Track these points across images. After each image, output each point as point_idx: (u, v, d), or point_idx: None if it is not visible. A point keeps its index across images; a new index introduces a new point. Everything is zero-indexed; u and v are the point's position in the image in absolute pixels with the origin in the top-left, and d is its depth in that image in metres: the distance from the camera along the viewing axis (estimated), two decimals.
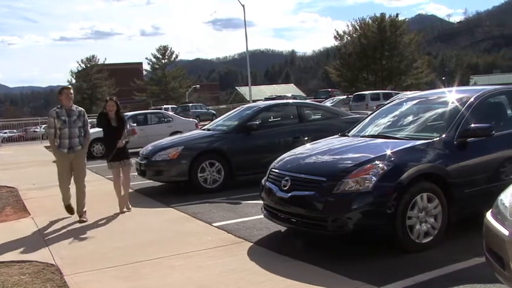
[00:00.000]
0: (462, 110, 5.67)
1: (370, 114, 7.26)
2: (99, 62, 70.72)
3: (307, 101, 20.34)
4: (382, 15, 54.82)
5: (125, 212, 7.71)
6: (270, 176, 5.87)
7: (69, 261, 5.39)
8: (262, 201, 5.99)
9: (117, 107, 7.75)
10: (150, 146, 9.93)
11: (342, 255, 5.16)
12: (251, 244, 5.67)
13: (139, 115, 20.07)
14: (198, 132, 10.99)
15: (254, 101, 33.84)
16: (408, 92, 17.52)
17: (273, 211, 5.66)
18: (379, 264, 4.74)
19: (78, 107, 7.53)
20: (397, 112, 6.65)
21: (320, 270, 4.66)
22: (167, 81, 69.92)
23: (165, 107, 42.23)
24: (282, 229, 6.08)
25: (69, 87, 7.67)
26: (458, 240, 5.27)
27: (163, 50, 70.48)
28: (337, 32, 57.21)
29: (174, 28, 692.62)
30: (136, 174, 9.81)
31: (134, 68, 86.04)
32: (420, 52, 59.27)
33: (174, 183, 9.77)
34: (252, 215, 6.96)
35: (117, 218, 7.49)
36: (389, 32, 53.47)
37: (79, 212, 7.40)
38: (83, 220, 7.28)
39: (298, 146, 6.71)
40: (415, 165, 5.05)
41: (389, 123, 6.48)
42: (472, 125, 5.45)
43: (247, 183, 8.99)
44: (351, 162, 5.16)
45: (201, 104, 48.34)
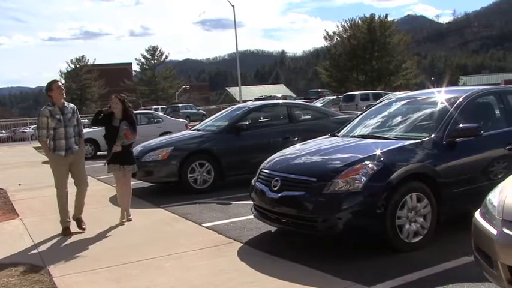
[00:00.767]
0: (451, 110, 5.71)
1: (360, 115, 7.28)
2: (89, 63, 70.29)
3: (297, 101, 20.36)
4: (372, 16, 54.89)
5: (124, 223, 7.04)
6: (260, 177, 5.87)
7: (59, 263, 5.34)
8: (252, 202, 5.99)
9: (123, 104, 6.96)
10: (140, 147, 9.87)
11: (332, 255, 5.16)
12: (241, 244, 5.67)
13: None
14: (188, 132, 10.94)
15: (244, 101, 33.77)
16: (397, 93, 17.58)
17: (263, 211, 5.65)
18: (369, 263, 4.75)
19: (70, 104, 6.67)
20: (386, 112, 6.68)
21: (310, 270, 4.67)
22: (157, 82, 69.79)
23: (155, 107, 42.09)
24: (272, 229, 6.08)
25: (58, 80, 6.66)
26: (448, 239, 5.31)
27: (152, 50, 70.51)
28: (326, 33, 57.26)
29: (163, 29, 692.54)
30: None
31: (124, 69, 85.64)
32: (409, 53, 59.48)
33: (164, 184, 9.76)
34: (242, 215, 6.96)
35: (106, 218, 7.40)
36: (379, 33, 53.57)
37: (75, 216, 6.78)
38: (83, 228, 6.68)
39: (288, 147, 6.70)
40: (405, 165, 5.07)
41: (378, 124, 6.50)
42: (460, 125, 5.49)
43: (237, 184, 8.99)
44: (341, 162, 5.18)
45: (191, 105, 48.27)
